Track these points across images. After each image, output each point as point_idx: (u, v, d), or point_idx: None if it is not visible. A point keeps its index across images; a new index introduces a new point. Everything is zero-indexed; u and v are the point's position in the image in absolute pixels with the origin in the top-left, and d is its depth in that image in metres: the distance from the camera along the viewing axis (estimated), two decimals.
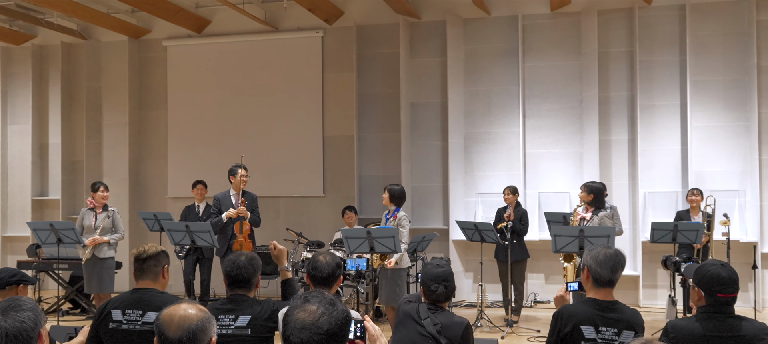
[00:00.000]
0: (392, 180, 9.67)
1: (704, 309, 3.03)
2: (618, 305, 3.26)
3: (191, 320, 2.19)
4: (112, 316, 3.51)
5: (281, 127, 10.42)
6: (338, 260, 3.74)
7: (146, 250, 3.64)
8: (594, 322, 3.19)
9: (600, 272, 3.25)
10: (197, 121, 10.85)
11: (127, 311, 3.51)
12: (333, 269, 3.70)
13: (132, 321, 3.49)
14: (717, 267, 3.04)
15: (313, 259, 3.75)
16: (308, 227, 10.14)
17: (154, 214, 8.69)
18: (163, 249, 3.68)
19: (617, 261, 3.27)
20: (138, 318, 3.49)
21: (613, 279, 3.26)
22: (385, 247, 6.70)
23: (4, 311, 2.19)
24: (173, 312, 2.21)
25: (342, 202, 10.01)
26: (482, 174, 9.82)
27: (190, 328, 2.16)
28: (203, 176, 9.52)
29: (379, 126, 10.18)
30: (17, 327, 2.15)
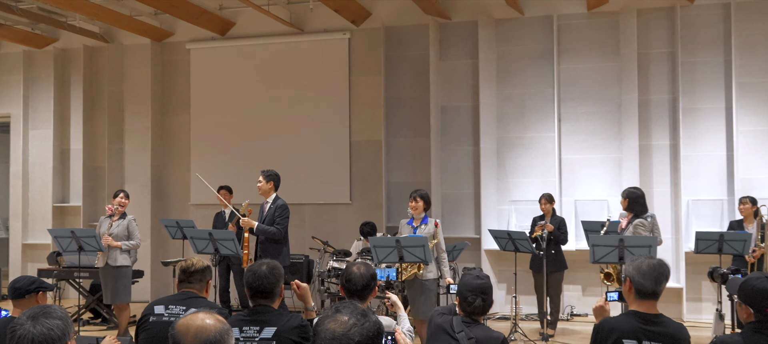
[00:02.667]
0: (420, 186, 9.58)
1: (753, 325, 2.98)
2: (662, 318, 3.20)
3: (208, 331, 2.12)
4: (155, 311, 3.58)
5: (307, 131, 10.45)
6: (373, 271, 3.74)
7: (194, 263, 3.71)
8: (637, 336, 3.13)
9: (643, 283, 3.19)
10: (220, 125, 10.91)
11: (171, 306, 3.58)
12: (367, 281, 3.70)
13: (174, 314, 3.56)
14: (763, 281, 2.98)
15: (347, 271, 3.74)
16: (334, 235, 10.14)
17: (176, 222, 8.73)
18: (208, 265, 3.75)
19: (661, 272, 3.22)
20: (181, 312, 3.55)
21: (657, 290, 3.21)
22: (415, 257, 6.67)
23: (34, 317, 2.18)
24: (190, 322, 2.15)
25: (369, 210, 10.01)
26: (516, 180, 9.76)
27: (207, 340, 2.10)
28: (227, 182, 9.58)
29: (407, 131, 10.19)
30: (44, 334, 2.14)
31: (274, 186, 7.39)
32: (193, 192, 11.02)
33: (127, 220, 7.81)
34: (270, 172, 7.45)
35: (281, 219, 7.22)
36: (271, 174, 7.43)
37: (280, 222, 7.21)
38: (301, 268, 9.50)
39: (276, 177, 7.43)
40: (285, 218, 7.25)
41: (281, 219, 7.22)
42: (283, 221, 7.22)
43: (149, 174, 11.06)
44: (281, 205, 7.27)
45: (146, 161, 11.08)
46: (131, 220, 7.86)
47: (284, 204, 7.32)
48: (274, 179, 7.41)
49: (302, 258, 9.59)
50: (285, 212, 7.27)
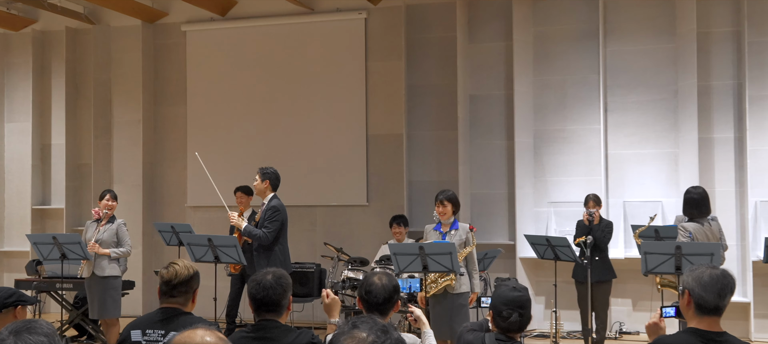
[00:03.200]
0: (447, 185, 9.52)
1: None
2: (726, 337, 3.19)
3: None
4: (132, 337, 3.59)
5: (318, 124, 10.49)
6: (396, 283, 3.74)
7: (178, 273, 3.68)
8: None
9: (704, 297, 3.17)
10: (221, 118, 10.94)
11: (149, 331, 3.59)
12: (390, 293, 3.70)
13: (152, 341, 3.57)
14: None
15: (367, 281, 3.74)
16: (349, 241, 10.15)
17: (171, 226, 8.78)
18: (196, 271, 3.73)
19: (725, 285, 3.20)
20: (159, 338, 3.56)
21: (720, 305, 3.19)
22: (441, 265, 6.67)
23: (17, 332, 2.21)
24: (188, 340, 2.18)
25: (389, 212, 9.95)
26: (555, 179, 9.73)
27: None
28: (228, 181, 9.61)
29: (432, 123, 10.19)
30: None
31: (271, 186, 7.55)
32: (190, 193, 11.07)
33: (115, 225, 7.82)
34: (266, 170, 7.59)
35: (270, 222, 7.35)
36: (268, 172, 7.57)
37: (268, 226, 7.34)
38: (312, 278, 9.52)
39: (272, 176, 7.58)
40: (275, 221, 7.37)
41: (270, 222, 7.36)
42: (272, 224, 7.35)
43: (141, 172, 11.11)
44: (273, 206, 7.39)
45: (137, 158, 11.12)
46: (121, 225, 7.87)
47: (277, 205, 7.44)
48: (271, 178, 7.56)
49: (313, 267, 9.60)
50: (276, 215, 7.39)
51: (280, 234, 7.51)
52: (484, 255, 8.38)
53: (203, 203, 10.71)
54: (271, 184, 7.59)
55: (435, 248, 6.67)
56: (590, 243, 7.75)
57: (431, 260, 6.66)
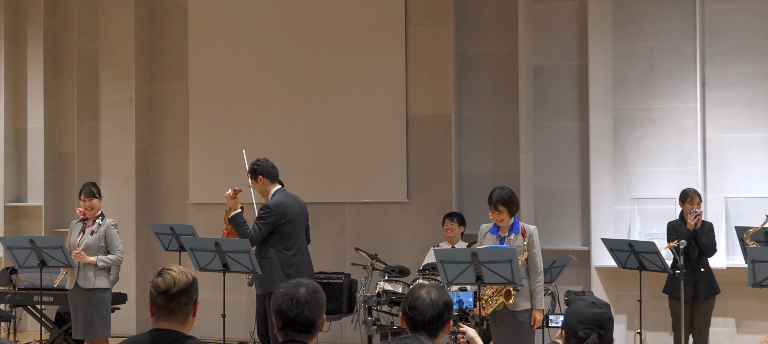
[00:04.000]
0: (505, 178, 9.48)
1: None
2: None
3: None
4: None
5: (347, 104, 10.50)
6: (448, 298, 3.73)
7: (176, 281, 3.67)
8: None
9: None
10: (229, 97, 10.95)
11: None
12: (440, 310, 3.70)
13: None
14: None
15: (412, 296, 3.73)
16: (386, 246, 10.16)
17: (170, 227, 8.84)
18: (194, 278, 3.72)
19: None
20: None
21: None
22: (500, 276, 6.67)
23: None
24: None
25: (433, 211, 9.95)
26: (640, 170, 9.64)
27: None
28: (238, 173, 9.60)
29: (487, 101, 10.15)
30: None
31: (267, 178, 7.75)
32: (193, 188, 11.07)
33: (104, 227, 7.85)
34: (252, 166, 7.81)
35: (259, 221, 7.61)
36: (255, 168, 7.79)
37: (256, 225, 7.58)
38: (340, 292, 9.54)
39: (262, 167, 7.76)
40: (263, 219, 7.59)
41: (259, 220, 7.62)
42: (259, 221, 7.60)
43: (133, 162, 11.14)
44: (267, 206, 7.65)
45: (129, 145, 11.15)
46: (110, 226, 7.88)
47: (274, 202, 7.64)
48: (261, 170, 7.76)
49: (341, 278, 9.61)
50: (267, 212, 7.61)
51: (275, 237, 7.65)
52: (551, 263, 8.31)
53: (209, 199, 10.72)
54: (266, 178, 7.75)
55: (491, 255, 6.66)
56: (684, 249, 7.67)
57: (487, 269, 6.65)
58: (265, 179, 7.75)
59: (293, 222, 7.71)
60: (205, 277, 8.30)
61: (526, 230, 6.90)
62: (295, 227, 7.72)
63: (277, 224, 7.63)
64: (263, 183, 7.75)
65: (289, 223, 7.66)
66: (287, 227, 7.66)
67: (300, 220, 7.85)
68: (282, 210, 7.64)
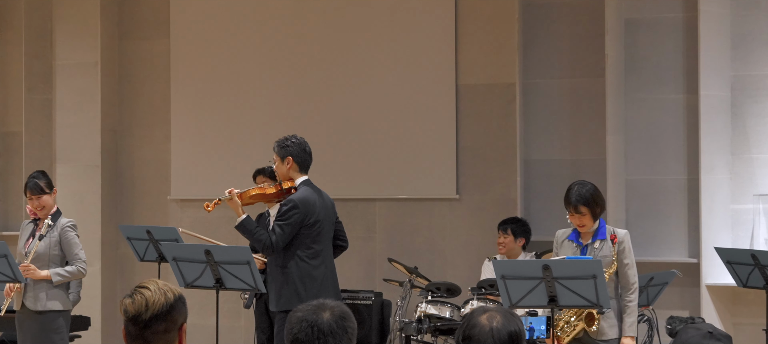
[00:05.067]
0: (587, 168, 9.62)
1: None
2: None
3: None
4: None
5: (376, 70, 10.57)
6: (515, 327, 3.70)
7: (150, 303, 3.67)
8: None
9: None
10: (222, 60, 10.98)
11: None
12: (503, 340, 3.66)
13: None
14: None
15: (469, 323, 3.72)
16: (428, 256, 10.24)
17: (147, 230, 8.81)
18: (178, 296, 3.72)
19: None
20: None
21: None
22: (580, 297, 6.66)
23: None
24: None
25: (492, 210, 9.99)
26: (766, 157, 9.55)
27: None
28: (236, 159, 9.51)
29: (563, 66, 10.16)
30: None
31: (296, 164, 7.82)
32: (176, 179, 11.11)
33: (58, 229, 7.89)
34: (286, 142, 7.84)
35: (281, 221, 7.69)
36: (287, 145, 7.83)
37: (276, 227, 7.69)
38: (369, 316, 9.68)
39: (296, 150, 7.82)
40: (286, 218, 7.66)
41: (281, 220, 7.70)
42: (281, 221, 7.68)
43: (98, 145, 11.18)
44: (290, 201, 7.72)
45: (93, 123, 11.20)
46: (67, 229, 7.92)
47: (299, 198, 7.71)
48: (293, 152, 7.80)
49: (370, 298, 9.73)
50: (293, 212, 7.67)
51: (296, 241, 7.72)
52: (647, 280, 8.34)
53: (197, 194, 10.69)
54: (295, 162, 7.79)
55: (569, 268, 6.66)
56: None
57: (563, 287, 6.66)
58: (295, 164, 7.78)
59: (321, 224, 7.78)
60: (194, 296, 8.17)
61: (615, 235, 6.97)
62: (322, 230, 7.79)
63: (302, 225, 7.67)
64: (290, 167, 7.77)
65: (316, 225, 7.72)
66: (313, 229, 7.73)
67: (327, 223, 7.92)
68: (309, 208, 7.68)
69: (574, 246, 7.01)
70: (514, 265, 7.14)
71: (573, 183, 7.02)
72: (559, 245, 7.12)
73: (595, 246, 6.95)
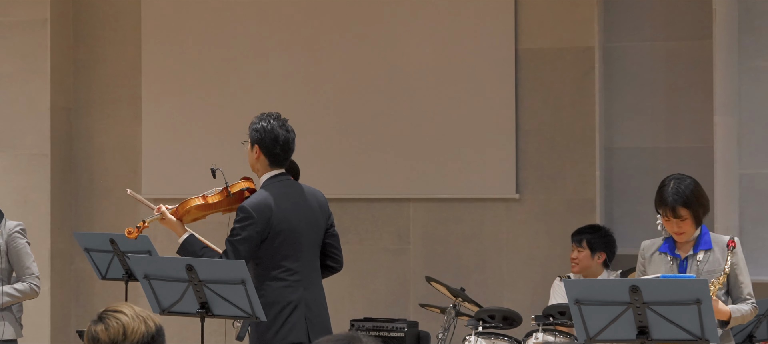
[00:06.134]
0: (687, 159, 9.82)
1: None
2: None
3: None
4: None
5: (408, 35, 10.68)
6: None
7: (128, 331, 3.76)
8: None
9: None
10: (211, 16, 11.06)
11: None
12: None
13: None
14: None
15: None
16: (480, 274, 10.36)
17: (110, 239, 8.79)
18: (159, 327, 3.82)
19: None
20: None
21: None
22: (680, 328, 6.58)
23: None
24: None
25: (561, 214, 10.16)
26: None
27: None
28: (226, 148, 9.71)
29: (656, 26, 10.25)
30: None
31: (265, 158, 7.77)
32: (148, 171, 11.20)
33: (6, 235, 8.07)
34: (254, 124, 7.81)
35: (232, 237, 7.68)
36: (255, 128, 7.79)
37: (228, 244, 7.64)
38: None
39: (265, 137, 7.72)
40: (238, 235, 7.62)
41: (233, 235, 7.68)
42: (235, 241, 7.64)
43: (48, 129, 11.28)
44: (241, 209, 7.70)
45: (41, 99, 11.30)
46: (15, 235, 8.08)
47: (253, 204, 7.64)
48: (261, 140, 7.73)
49: (402, 328, 9.80)
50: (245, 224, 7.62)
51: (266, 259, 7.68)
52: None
53: (175, 192, 10.56)
54: (263, 153, 7.72)
55: (664, 290, 6.60)
56: None
57: (656, 316, 6.61)
58: (263, 156, 7.70)
59: (289, 234, 7.65)
60: (173, 325, 8.31)
61: (734, 241, 6.94)
62: (294, 243, 7.66)
63: (261, 238, 7.58)
64: (258, 158, 7.68)
65: (281, 235, 7.59)
66: (277, 242, 7.60)
67: (305, 232, 7.78)
68: (266, 215, 7.55)
69: (669, 260, 7.02)
70: (593, 287, 7.05)
71: (668, 178, 7.00)
72: (647, 260, 7.15)
73: (699, 259, 6.96)
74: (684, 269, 6.91)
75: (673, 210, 6.85)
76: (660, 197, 6.95)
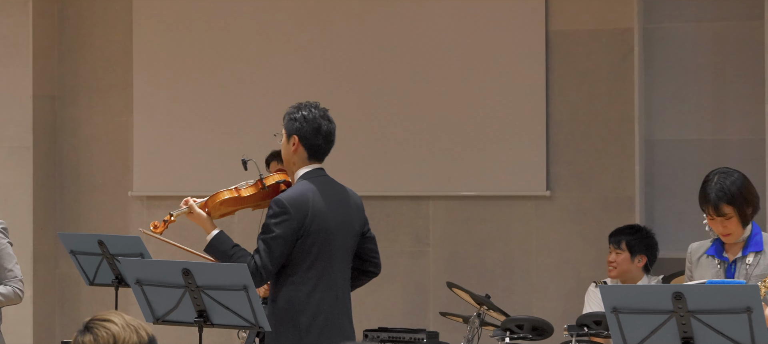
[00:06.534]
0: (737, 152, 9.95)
1: None
2: None
3: None
4: None
5: (427, 15, 10.72)
6: None
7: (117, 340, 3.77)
8: None
9: None
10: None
11: None
12: None
13: None
14: None
15: None
16: (507, 280, 10.43)
17: (99, 241, 8.74)
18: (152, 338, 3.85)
19: None
20: None
21: None
22: (730, 340, 6.53)
23: None
24: None
25: (599, 214, 10.21)
26: None
27: None
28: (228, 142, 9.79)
29: (702, 5, 10.32)
30: None
31: (303, 147, 7.66)
32: (140, 166, 11.17)
33: None
34: (293, 113, 7.68)
35: (265, 234, 7.57)
36: (294, 117, 7.67)
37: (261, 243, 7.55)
38: None
39: (306, 128, 7.63)
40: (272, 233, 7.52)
41: (266, 232, 7.58)
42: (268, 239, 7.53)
43: (30, 118, 11.30)
44: (276, 203, 7.59)
45: (21, 85, 11.31)
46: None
47: (290, 197, 7.54)
48: (300, 129, 7.63)
49: (421, 339, 9.71)
50: (281, 219, 7.52)
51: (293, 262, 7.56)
52: None
53: (170, 190, 10.79)
54: (303, 145, 7.60)
55: (712, 298, 6.45)
56: None
57: (702, 326, 6.53)
58: (302, 148, 7.58)
59: (321, 236, 7.58)
60: (166, 336, 8.13)
61: None
62: (325, 246, 7.60)
63: (298, 236, 7.51)
64: (296, 151, 7.59)
65: (316, 235, 7.53)
66: (313, 240, 7.54)
67: (339, 235, 7.71)
68: (304, 211, 7.50)
69: (716, 264, 6.99)
70: (632, 293, 6.94)
71: (712, 173, 6.94)
72: (694, 264, 7.12)
73: (748, 261, 6.91)
74: (732, 274, 6.89)
75: (716, 207, 6.82)
76: (703, 194, 6.90)
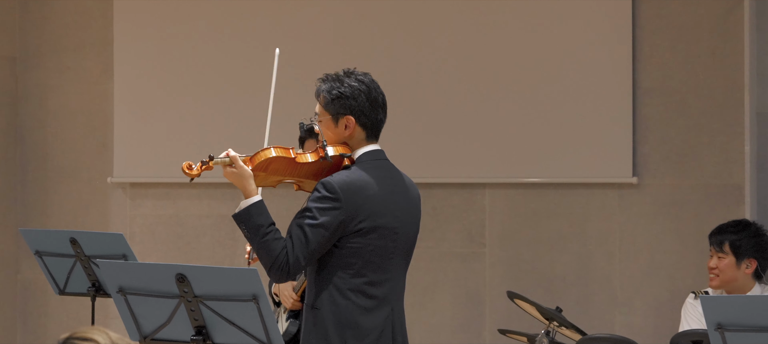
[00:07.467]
0: None
1: None
2: None
3: None
4: None
5: None
6: None
7: None
8: None
9: None
10: None
11: None
12: None
13: None
14: None
15: None
16: (583, 288, 10.66)
17: (71, 238, 8.77)
18: None
19: None
20: None
21: None
22: None
23: None
24: None
25: (698, 206, 10.21)
26: None
27: None
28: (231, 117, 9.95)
29: None
30: None
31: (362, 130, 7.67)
32: (121, 146, 11.20)
33: None
34: (339, 89, 7.66)
35: (303, 218, 7.51)
36: (342, 94, 7.66)
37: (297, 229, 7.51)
38: None
39: (360, 102, 7.64)
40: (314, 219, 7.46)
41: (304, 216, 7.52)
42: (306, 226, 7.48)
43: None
44: (325, 185, 7.53)
45: None
46: None
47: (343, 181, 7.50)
48: (356, 108, 7.63)
49: None
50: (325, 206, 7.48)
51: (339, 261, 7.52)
52: None
53: (158, 175, 10.96)
54: (360, 125, 7.57)
55: None
56: None
57: None
58: (359, 128, 7.59)
59: (384, 231, 7.55)
60: None
61: None
62: (388, 244, 7.57)
63: (345, 230, 7.46)
64: (351, 134, 7.57)
65: (372, 233, 7.47)
66: (368, 239, 7.47)
67: (402, 232, 7.72)
68: (358, 200, 7.46)
69: None
70: (741, 306, 6.97)
71: None
72: None
73: None
74: None
75: None
76: None
